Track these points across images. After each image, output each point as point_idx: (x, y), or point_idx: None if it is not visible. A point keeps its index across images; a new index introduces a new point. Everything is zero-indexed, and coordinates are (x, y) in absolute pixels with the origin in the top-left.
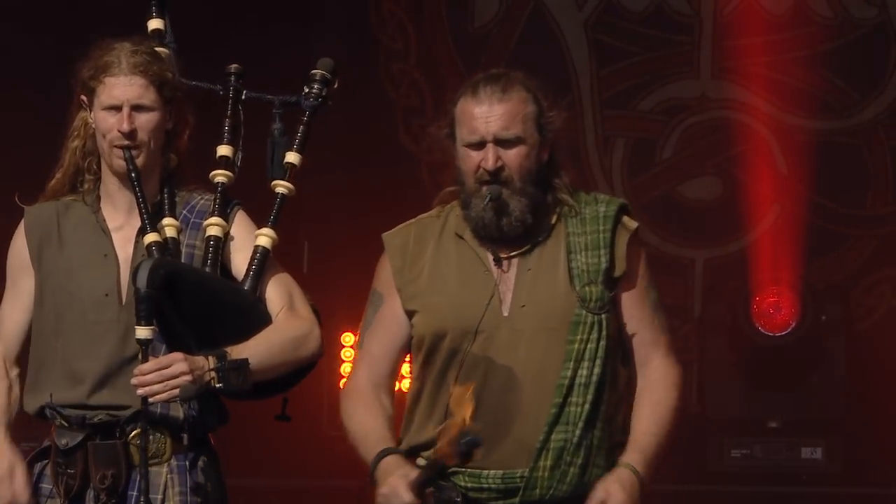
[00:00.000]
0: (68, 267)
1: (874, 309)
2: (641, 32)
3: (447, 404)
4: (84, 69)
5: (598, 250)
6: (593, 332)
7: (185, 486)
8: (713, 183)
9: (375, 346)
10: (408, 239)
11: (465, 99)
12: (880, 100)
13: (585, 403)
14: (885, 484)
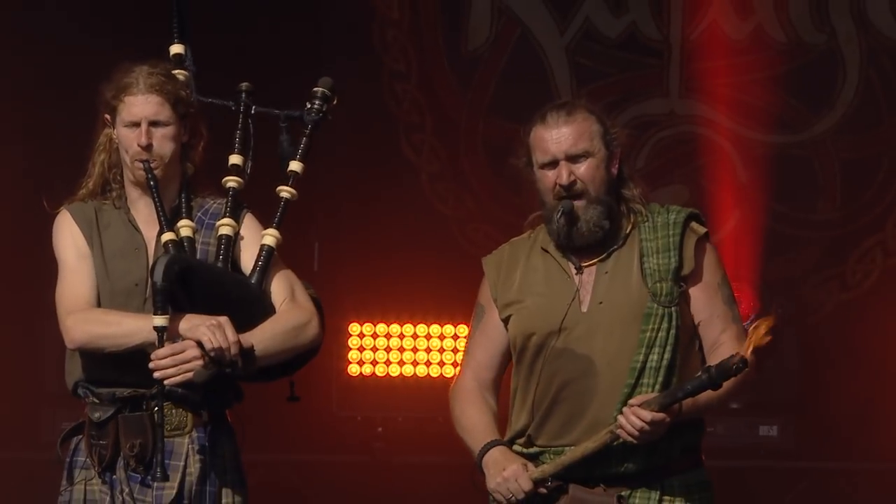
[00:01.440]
0: (104, 258)
1: (824, 304)
2: (616, 56)
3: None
4: (107, 90)
5: (668, 252)
6: (664, 322)
7: (204, 455)
8: (680, 190)
9: (479, 352)
10: (502, 258)
11: (537, 127)
12: (829, 117)
13: (656, 384)
14: (832, 458)
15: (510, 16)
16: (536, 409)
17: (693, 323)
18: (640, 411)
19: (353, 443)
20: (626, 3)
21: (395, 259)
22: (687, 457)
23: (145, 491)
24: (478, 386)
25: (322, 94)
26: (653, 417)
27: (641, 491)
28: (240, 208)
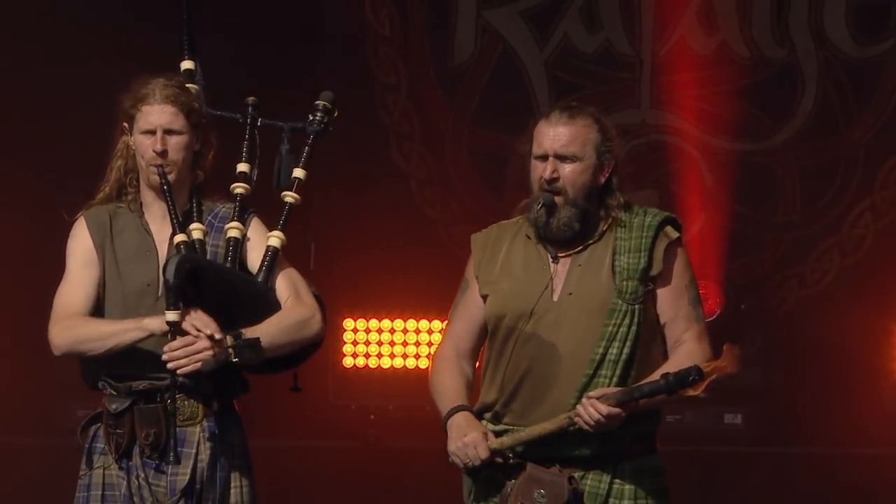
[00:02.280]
0: (118, 260)
1: (785, 300)
2: (592, 70)
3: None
4: (125, 100)
5: (639, 252)
6: (626, 319)
7: (215, 443)
8: (651, 194)
9: (459, 324)
10: (489, 238)
11: (542, 121)
12: (789, 127)
13: (613, 377)
14: (792, 444)
15: (493, 33)
16: (504, 388)
17: (657, 320)
18: (597, 404)
19: (347, 429)
20: (601, 21)
21: (386, 259)
22: (640, 444)
23: (160, 477)
24: (455, 354)
25: (324, 106)
26: (609, 412)
27: (594, 473)
28: (246, 212)
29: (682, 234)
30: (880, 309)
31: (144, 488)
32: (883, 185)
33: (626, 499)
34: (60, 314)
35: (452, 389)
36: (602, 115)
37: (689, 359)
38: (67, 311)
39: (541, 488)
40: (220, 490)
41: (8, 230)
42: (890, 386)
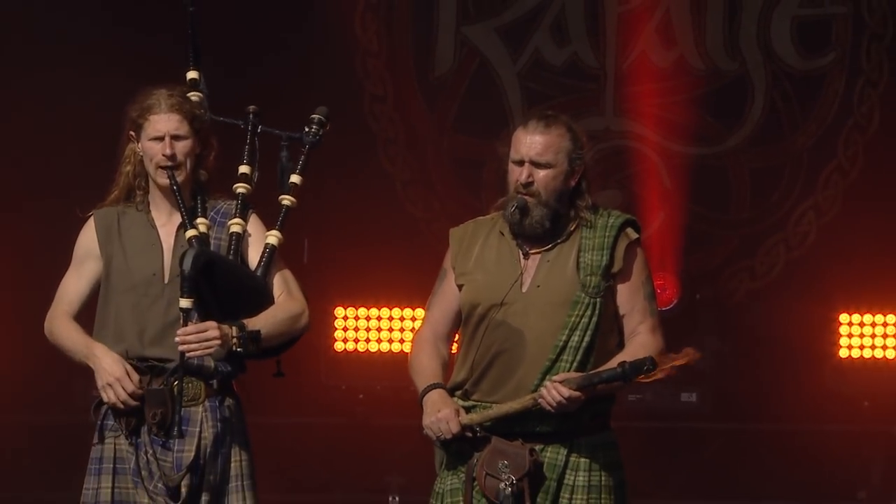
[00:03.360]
0: (126, 253)
1: (736, 291)
2: (561, 81)
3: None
4: (132, 111)
5: (601, 251)
6: (588, 310)
7: (216, 421)
8: (615, 194)
9: (437, 309)
10: (466, 232)
11: (520, 128)
12: (740, 132)
13: (574, 362)
14: (742, 420)
15: (471, 47)
16: (475, 368)
17: (615, 312)
18: (560, 387)
19: (338, 408)
20: (569, 37)
21: (374, 252)
22: (596, 422)
23: (166, 453)
24: (433, 337)
25: (319, 119)
26: (570, 395)
27: (553, 447)
28: (247, 209)
29: (641, 235)
30: (822, 299)
31: (152, 463)
32: (825, 186)
33: (582, 471)
34: (55, 303)
35: (429, 369)
36: (574, 124)
37: (643, 349)
38: (61, 302)
39: (504, 459)
40: (221, 464)
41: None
42: (831, 368)
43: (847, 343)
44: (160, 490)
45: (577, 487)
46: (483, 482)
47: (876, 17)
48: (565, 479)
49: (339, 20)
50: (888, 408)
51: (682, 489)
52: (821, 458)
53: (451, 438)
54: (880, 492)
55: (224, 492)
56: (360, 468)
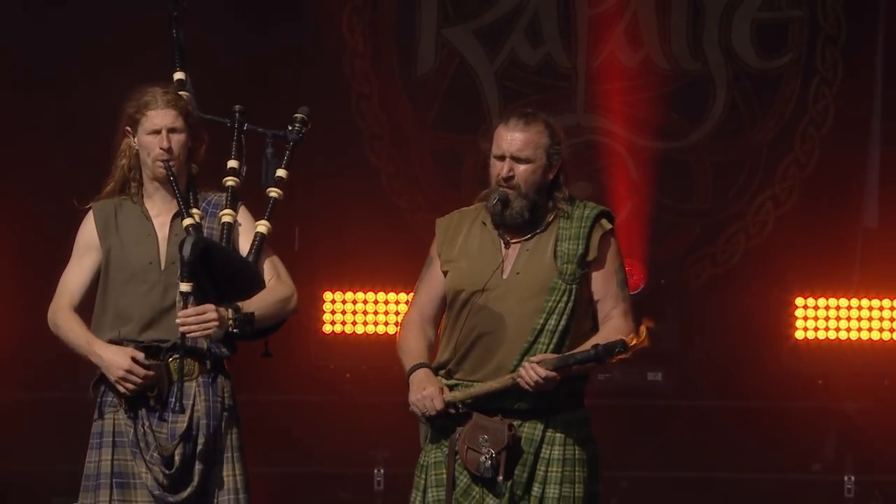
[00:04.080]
0: (123, 243)
1: (698, 277)
2: (535, 80)
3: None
4: (128, 107)
5: (577, 240)
6: (564, 296)
7: (208, 396)
8: (585, 186)
9: (424, 294)
10: (451, 222)
11: (501, 125)
12: (702, 128)
13: (550, 344)
14: (704, 398)
15: (450, 48)
16: (458, 349)
17: (589, 298)
18: (537, 368)
19: (327, 386)
20: (543, 38)
21: (360, 240)
22: (570, 399)
23: (162, 424)
24: (420, 319)
25: (301, 118)
26: (546, 375)
27: (530, 423)
28: (236, 201)
29: (614, 226)
30: (780, 283)
31: (149, 434)
32: (782, 178)
33: (557, 445)
34: (58, 295)
35: (416, 349)
36: (553, 121)
37: (615, 332)
38: (64, 293)
39: (484, 434)
40: (213, 436)
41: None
42: (788, 349)
43: (803, 325)
44: (156, 459)
45: (552, 460)
46: (465, 455)
47: (830, 20)
48: (542, 453)
49: (327, 22)
50: (841, 386)
51: (648, 462)
52: (778, 432)
53: (435, 415)
54: (833, 464)
55: (216, 461)
56: (348, 442)
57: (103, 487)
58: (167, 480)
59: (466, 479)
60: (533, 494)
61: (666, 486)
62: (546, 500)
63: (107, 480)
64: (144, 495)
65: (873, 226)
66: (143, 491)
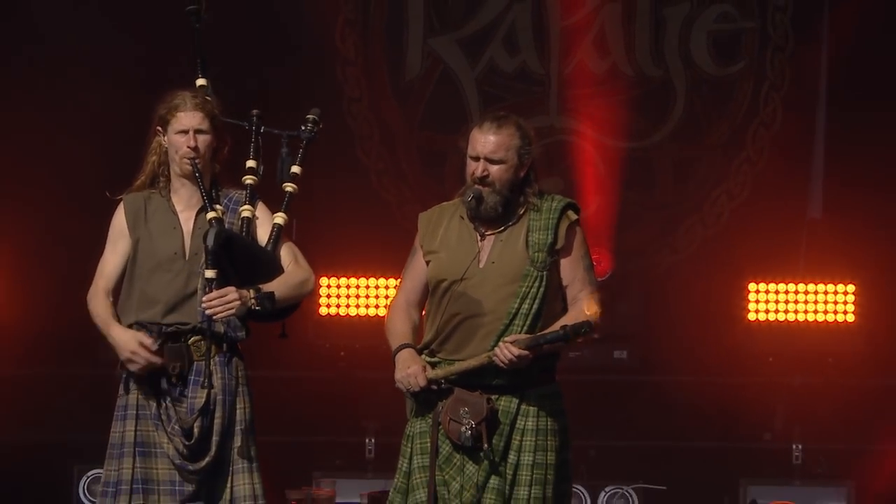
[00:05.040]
0: (151, 235)
1: (660, 264)
2: (511, 85)
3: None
4: (160, 108)
5: (546, 230)
6: (536, 282)
7: (224, 373)
8: (557, 182)
9: (409, 281)
10: (432, 216)
11: (476, 128)
12: (663, 129)
13: (524, 326)
14: (666, 374)
15: (435, 56)
16: (440, 332)
17: (559, 283)
18: (511, 347)
19: (323, 363)
20: (519, 47)
21: (352, 232)
22: (543, 375)
23: (182, 399)
24: (406, 303)
25: (313, 119)
26: (519, 353)
27: (506, 397)
28: (255, 198)
29: (580, 216)
30: (734, 269)
31: (170, 408)
32: (735, 174)
33: (531, 416)
34: (95, 279)
35: (401, 331)
36: (523, 123)
37: (582, 313)
38: (100, 277)
39: (465, 407)
40: (228, 410)
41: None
42: (741, 329)
43: (755, 308)
44: (177, 431)
45: (526, 430)
46: (447, 426)
47: (779, 31)
48: (517, 424)
49: (321, 34)
50: (789, 363)
51: (614, 432)
52: (732, 405)
53: (418, 391)
54: (782, 433)
55: (230, 433)
56: (342, 414)
57: (127, 456)
58: (187, 451)
59: (448, 447)
60: (509, 461)
61: (631, 454)
62: (521, 466)
63: (130, 449)
64: (165, 463)
65: (818, 217)
66: (164, 460)
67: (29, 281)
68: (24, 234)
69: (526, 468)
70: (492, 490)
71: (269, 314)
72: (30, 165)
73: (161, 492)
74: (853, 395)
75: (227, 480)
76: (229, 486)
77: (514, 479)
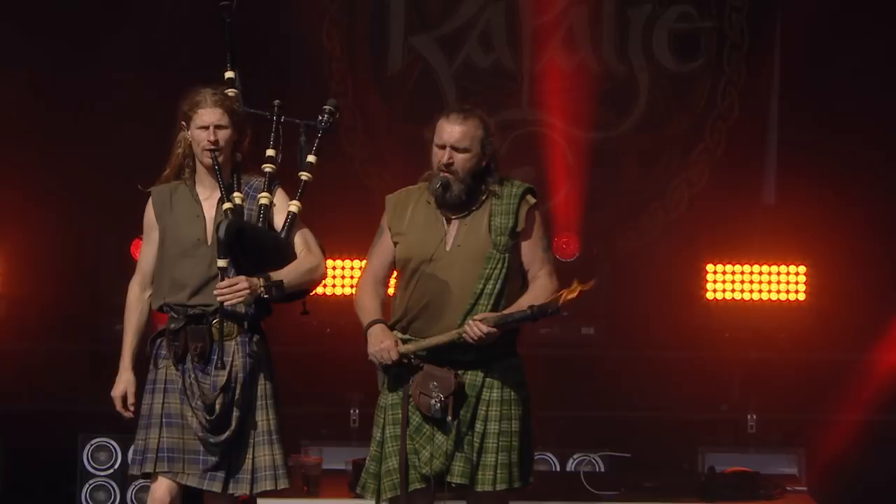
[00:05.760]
0: (176, 223)
1: (625, 246)
2: (487, 80)
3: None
4: (183, 105)
5: (508, 215)
6: (499, 264)
7: (245, 353)
8: (529, 171)
9: (376, 260)
10: (399, 199)
11: (442, 118)
12: (628, 121)
13: (489, 305)
14: (630, 349)
15: (416, 53)
16: (410, 310)
17: (520, 263)
18: (480, 325)
19: (311, 339)
20: (493, 45)
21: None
22: (506, 349)
23: (205, 377)
24: (373, 281)
25: (329, 110)
26: (488, 331)
27: (472, 371)
28: (273, 185)
29: (538, 200)
30: (693, 252)
31: (194, 385)
32: (695, 163)
33: (496, 388)
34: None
35: (371, 307)
36: (486, 116)
37: (543, 290)
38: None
39: (434, 381)
40: (249, 387)
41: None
42: (700, 307)
43: (713, 287)
44: (199, 406)
45: (492, 401)
46: (417, 399)
47: (735, 30)
48: (482, 395)
49: (309, 32)
50: (744, 339)
51: (582, 403)
52: (692, 378)
53: (391, 364)
54: (738, 404)
55: (251, 408)
56: (328, 386)
57: (154, 426)
58: (209, 424)
59: (418, 418)
60: (476, 430)
61: (597, 424)
62: (488, 435)
63: (158, 420)
64: (190, 435)
65: (771, 203)
66: (190, 431)
67: (39, 263)
68: (35, 218)
69: (492, 436)
70: (460, 458)
71: (281, 299)
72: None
73: (186, 461)
74: (804, 369)
75: (249, 451)
76: (251, 457)
77: (482, 446)
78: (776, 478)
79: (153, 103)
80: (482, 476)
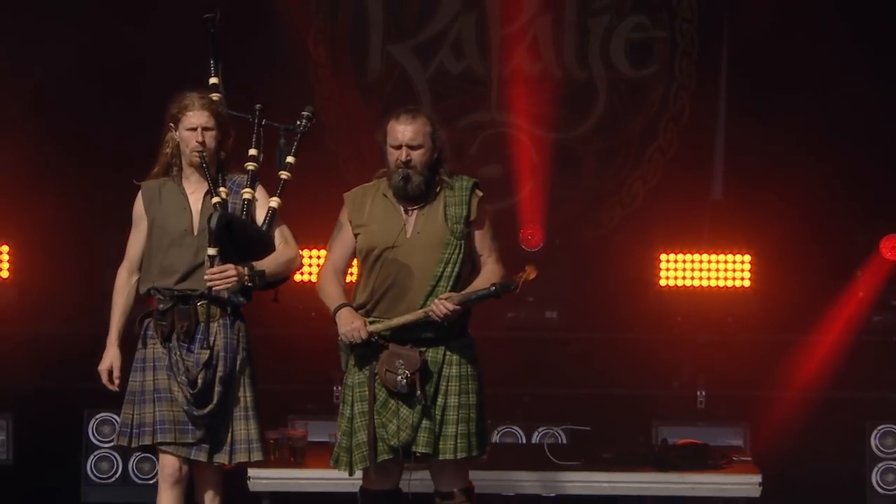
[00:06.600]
0: (165, 215)
1: (585, 237)
2: (459, 84)
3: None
4: (172, 108)
5: (461, 205)
6: (456, 249)
7: (226, 334)
8: (497, 168)
9: (337, 251)
10: (357, 195)
11: (392, 121)
12: (588, 123)
13: (448, 286)
14: (590, 331)
15: (393, 60)
16: (374, 293)
17: (471, 249)
18: (445, 303)
19: (297, 322)
20: (465, 53)
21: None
22: (461, 329)
23: (189, 355)
24: (334, 271)
25: (307, 115)
26: (454, 308)
27: (434, 348)
28: (255, 181)
29: (484, 194)
30: (648, 243)
31: (179, 362)
32: (649, 161)
33: (455, 364)
34: (124, 259)
35: (335, 293)
36: (430, 113)
37: (492, 274)
38: (127, 258)
39: (400, 359)
40: (230, 364)
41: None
42: (654, 293)
43: (665, 275)
44: (184, 381)
45: (451, 377)
46: (384, 376)
47: (686, 39)
48: (443, 371)
49: (296, 41)
50: (694, 322)
51: (546, 381)
52: (646, 358)
53: (360, 343)
54: (688, 381)
55: (231, 385)
56: (313, 366)
57: (148, 402)
58: (192, 398)
59: (384, 394)
60: (437, 404)
61: (559, 400)
62: (448, 407)
63: (150, 396)
64: (178, 407)
65: (719, 198)
66: (178, 404)
67: (49, 252)
68: (45, 209)
69: (453, 409)
70: (424, 429)
71: (261, 287)
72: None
73: (178, 430)
74: (749, 349)
75: (229, 426)
76: (230, 431)
77: (443, 418)
78: (724, 449)
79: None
80: (443, 446)
